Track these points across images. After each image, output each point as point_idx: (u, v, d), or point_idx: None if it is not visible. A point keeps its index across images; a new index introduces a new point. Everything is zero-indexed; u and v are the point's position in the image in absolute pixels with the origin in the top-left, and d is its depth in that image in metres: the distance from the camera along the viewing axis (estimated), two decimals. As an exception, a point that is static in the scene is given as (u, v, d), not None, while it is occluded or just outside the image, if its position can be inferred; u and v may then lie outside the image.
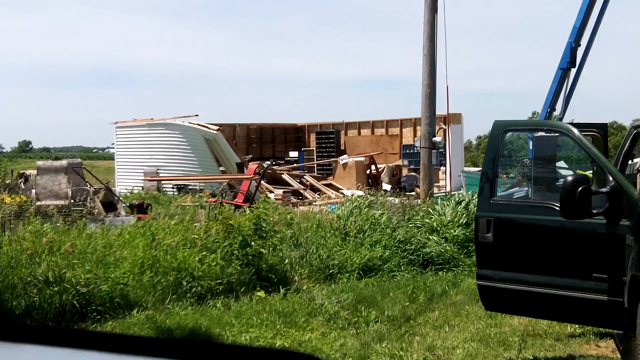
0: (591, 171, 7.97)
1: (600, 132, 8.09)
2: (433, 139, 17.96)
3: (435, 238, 12.80)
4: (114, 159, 35.80)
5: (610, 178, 6.24)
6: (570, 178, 6.05)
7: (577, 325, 8.15)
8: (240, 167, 26.61)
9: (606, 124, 8.55)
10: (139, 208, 18.11)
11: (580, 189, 5.90)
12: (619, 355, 7.08)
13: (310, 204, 23.57)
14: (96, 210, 17.07)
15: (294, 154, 36.31)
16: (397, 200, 16.51)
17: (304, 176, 29.46)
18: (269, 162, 26.73)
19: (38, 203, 16.71)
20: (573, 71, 19.58)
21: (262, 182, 22.40)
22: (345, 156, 30.93)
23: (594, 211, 6.07)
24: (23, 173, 24.05)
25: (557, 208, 6.20)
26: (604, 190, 6.21)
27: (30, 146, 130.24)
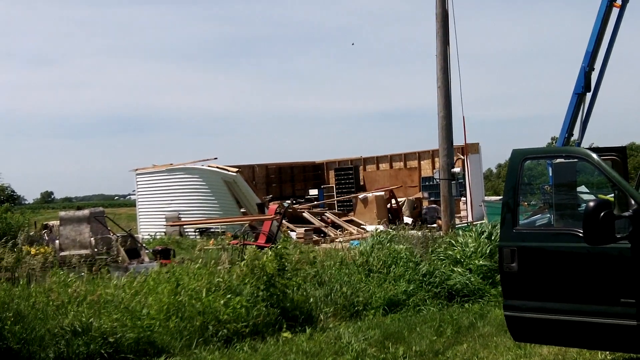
0: (612, 195, 7.92)
1: (619, 155, 8.08)
2: (452, 170, 17.95)
3: (459, 270, 12.71)
4: (135, 206, 36.08)
5: (632, 201, 6.21)
6: (592, 203, 6.02)
7: (607, 352, 8.03)
8: (261, 207, 26.64)
9: (625, 146, 8.53)
10: (163, 254, 18.18)
11: (602, 214, 5.88)
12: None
13: (332, 241, 23.54)
14: (120, 258, 17.16)
15: (313, 192, 36.38)
16: (419, 233, 16.45)
17: (325, 213, 29.47)
18: (289, 201, 26.78)
19: (62, 253, 16.82)
20: (588, 95, 19.62)
21: (284, 221, 22.42)
22: (365, 193, 30.92)
23: (618, 235, 6.03)
24: (46, 224, 24.25)
25: (580, 234, 6.17)
26: (626, 214, 6.17)
27: (52, 197, 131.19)
